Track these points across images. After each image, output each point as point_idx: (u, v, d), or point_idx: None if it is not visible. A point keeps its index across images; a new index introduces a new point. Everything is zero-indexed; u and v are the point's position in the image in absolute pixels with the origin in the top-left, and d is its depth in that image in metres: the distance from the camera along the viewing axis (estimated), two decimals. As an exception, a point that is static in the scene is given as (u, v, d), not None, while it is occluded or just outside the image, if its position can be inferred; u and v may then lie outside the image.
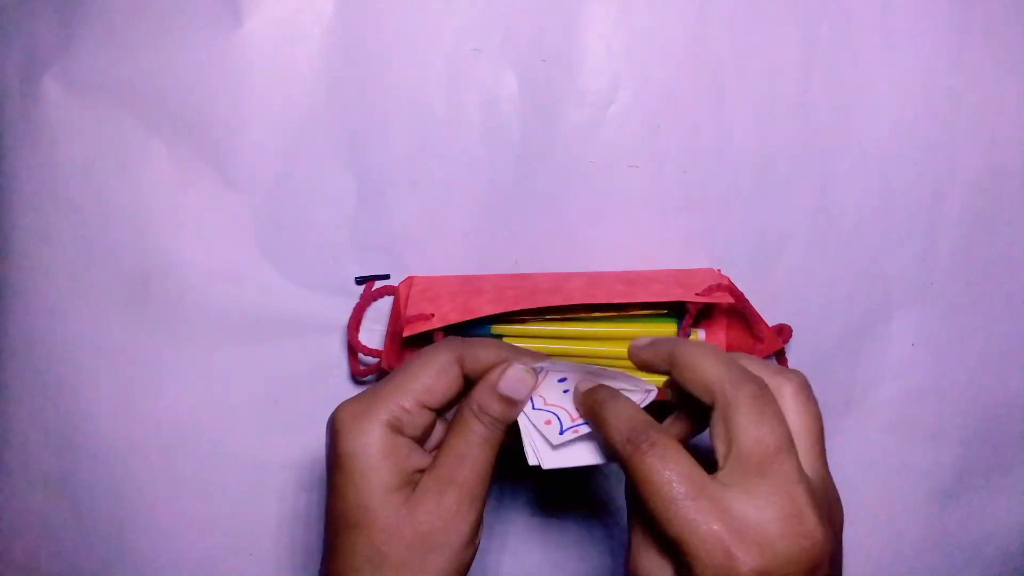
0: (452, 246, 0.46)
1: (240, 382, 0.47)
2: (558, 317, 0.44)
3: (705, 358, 0.32)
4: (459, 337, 0.36)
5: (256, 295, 0.46)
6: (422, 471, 0.33)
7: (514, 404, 0.33)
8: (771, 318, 0.46)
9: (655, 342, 0.35)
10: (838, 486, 0.33)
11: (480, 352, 0.34)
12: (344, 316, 0.46)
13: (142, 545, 0.47)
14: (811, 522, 0.28)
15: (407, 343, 0.44)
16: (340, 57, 0.44)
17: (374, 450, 0.32)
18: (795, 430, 0.31)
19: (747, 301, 0.44)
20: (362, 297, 0.46)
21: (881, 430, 0.48)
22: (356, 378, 0.47)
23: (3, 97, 0.45)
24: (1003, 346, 0.48)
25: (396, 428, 0.32)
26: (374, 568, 0.31)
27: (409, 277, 0.46)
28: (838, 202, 0.47)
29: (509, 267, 0.47)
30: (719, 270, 0.46)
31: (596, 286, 0.44)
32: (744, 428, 0.29)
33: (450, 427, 0.34)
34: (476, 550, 0.33)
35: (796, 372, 0.33)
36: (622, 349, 0.45)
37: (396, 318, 0.45)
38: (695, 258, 0.47)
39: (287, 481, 0.47)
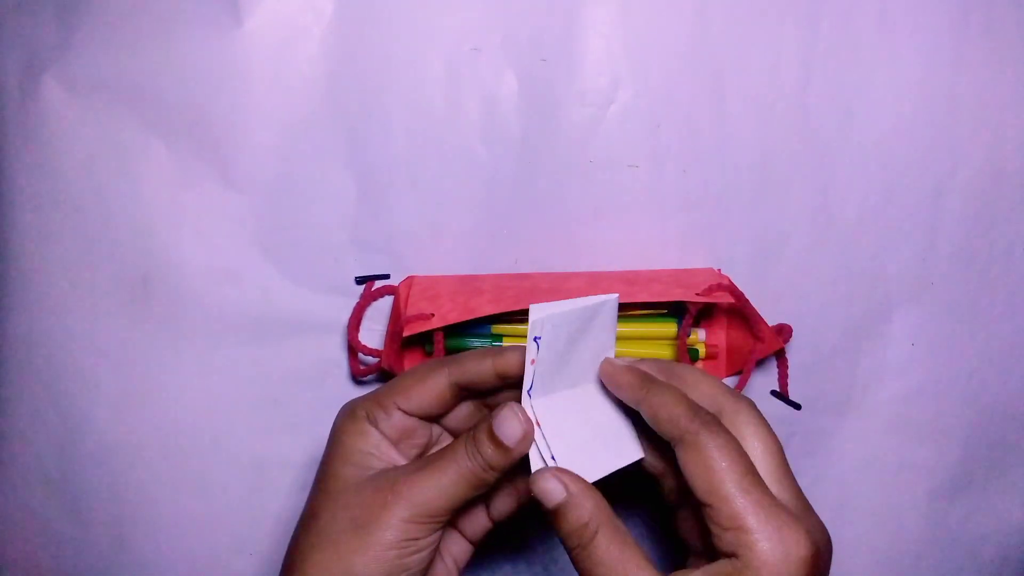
0: (452, 246, 0.46)
1: (240, 382, 0.46)
2: None
3: (675, 404, 0.32)
4: (457, 356, 0.36)
5: (256, 295, 0.46)
6: (384, 462, 0.34)
7: (506, 450, 0.32)
8: (771, 318, 0.46)
9: (631, 372, 0.34)
10: (838, 485, 0.33)
11: (465, 360, 0.35)
12: (344, 316, 0.46)
13: (142, 545, 0.47)
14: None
15: (407, 343, 0.44)
16: (340, 57, 0.44)
17: (350, 428, 0.35)
18: (756, 455, 0.31)
19: (747, 301, 0.44)
20: (362, 297, 0.46)
21: (881, 429, 0.48)
22: (356, 378, 0.47)
23: (3, 97, 0.45)
24: (1003, 345, 0.48)
25: (371, 420, 0.35)
26: (307, 525, 0.33)
27: (409, 277, 0.46)
28: (838, 201, 0.47)
29: (509, 267, 0.47)
30: (719, 270, 0.46)
31: (596, 286, 0.44)
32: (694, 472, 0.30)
33: (440, 449, 0.34)
34: (408, 564, 0.32)
35: (746, 398, 0.34)
36: (623, 349, 0.45)
37: (396, 318, 0.45)
38: (695, 258, 0.47)
39: (287, 480, 0.47)
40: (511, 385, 0.35)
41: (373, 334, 0.47)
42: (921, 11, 0.45)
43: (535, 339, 0.32)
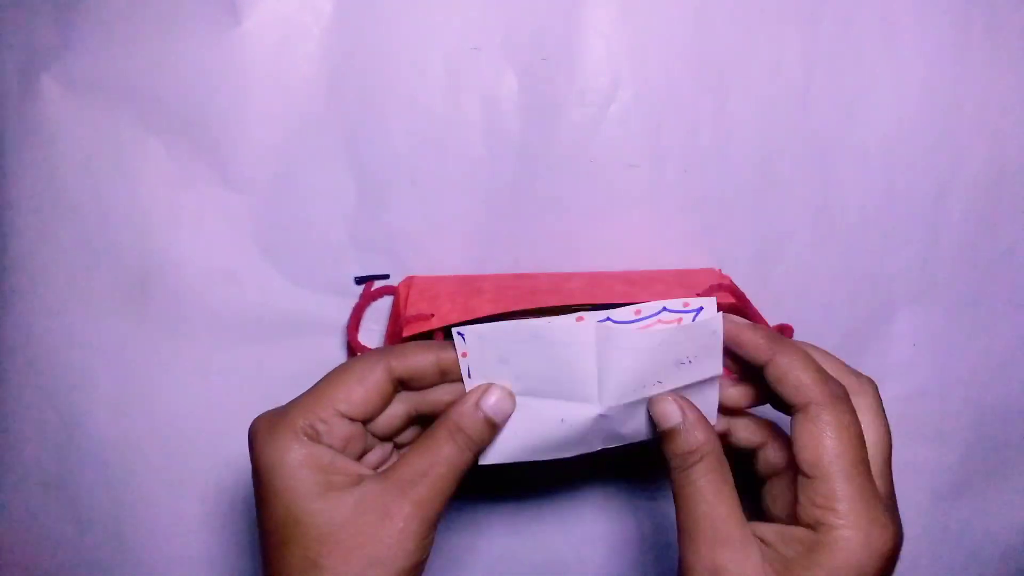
0: (452, 246, 0.46)
1: (239, 382, 0.46)
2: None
3: (804, 368, 0.31)
4: (387, 346, 0.35)
5: (255, 295, 0.46)
6: (352, 478, 0.31)
7: (494, 427, 0.32)
8: (772, 318, 0.46)
9: (755, 330, 0.33)
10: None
11: (409, 353, 0.33)
12: (343, 316, 0.46)
13: (141, 545, 0.47)
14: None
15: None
16: (339, 56, 0.44)
17: (291, 458, 0.30)
18: (869, 443, 0.31)
19: (748, 301, 0.44)
20: (361, 297, 0.46)
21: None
22: None
23: (2, 96, 0.45)
24: (1005, 346, 0.48)
25: (312, 437, 0.31)
26: (292, 560, 0.29)
27: (409, 277, 0.46)
28: (840, 201, 0.46)
29: (509, 267, 0.47)
30: (720, 270, 0.46)
31: (597, 286, 0.43)
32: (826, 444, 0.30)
33: (416, 443, 0.32)
34: (421, 571, 0.31)
35: (870, 381, 0.34)
36: None
37: (396, 318, 0.45)
38: (696, 258, 0.46)
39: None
40: (451, 381, 0.34)
41: (373, 334, 0.47)
42: (923, 11, 0.45)
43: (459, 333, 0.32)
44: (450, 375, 0.33)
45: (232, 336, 0.46)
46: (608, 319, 0.33)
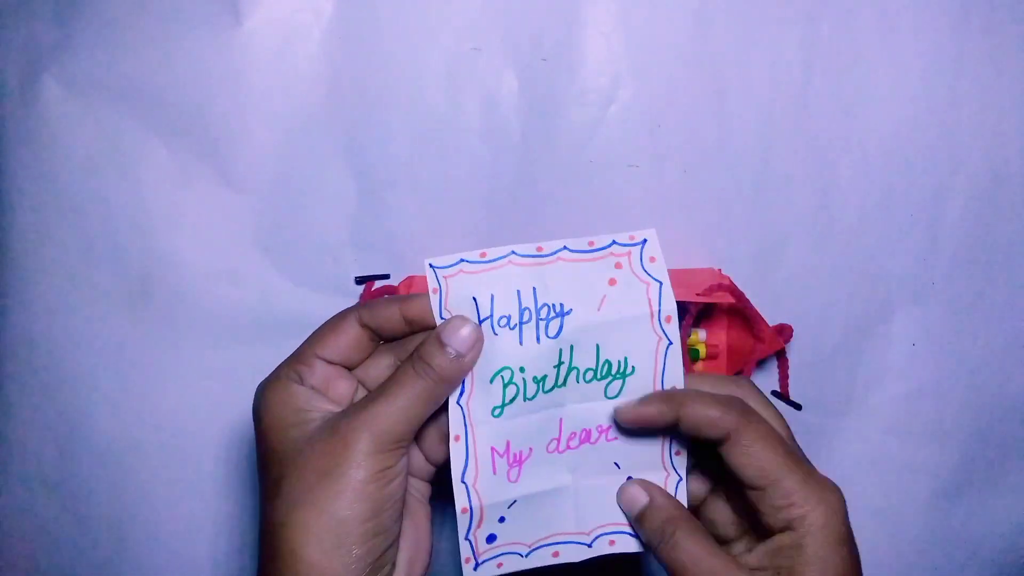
0: (452, 246, 0.46)
1: (239, 382, 0.46)
2: None
3: (711, 406, 0.33)
4: (367, 301, 0.37)
5: (255, 295, 0.46)
6: (324, 412, 0.33)
7: (460, 359, 0.33)
8: (772, 318, 0.46)
9: (651, 400, 0.35)
10: (839, 485, 0.34)
11: (376, 304, 0.35)
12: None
13: (141, 545, 0.47)
14: None
15: None
16: (340, 56, 0.44)
17: (273, 399, 0.34)
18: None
19: (748, 301, 0.44)
20: (362, 297, 0.46)
21: (882, 430, 0.48)
22: None
23: (3, 97, 0.45)
24: (1004, 346, 0.48)
25: (295, 378, 0.34)
26: (275, 494, 0.32)
27: (409, 277, 0.46)
28: (839, 202, 0.46)
29: (509, 267, 0.47)
30: (720, 270, 0.46)
31: None
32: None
33: (388, 378, 0.34)
34: (389, 492, 0.32)
35: (745, 378, 0.36)
36: None
37: None
38: (695, 258, 0.46)
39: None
40: (420, 331, 0.35)
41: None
42: (921, 11, 0.45)
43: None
44: (416, 324, 0.35)
45: (232, 336, 0.46)
46: (564, 248, 0.35)
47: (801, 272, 0.47)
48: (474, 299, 0.34)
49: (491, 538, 0.35)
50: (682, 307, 0.44)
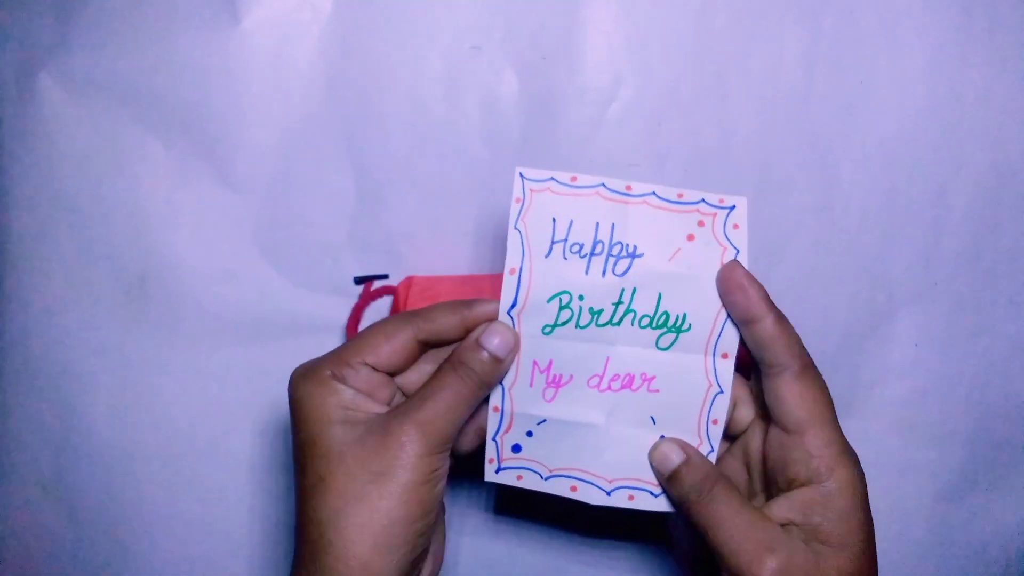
0: (452, 246, 0.46)
1: (238, 382, 0.46)
2: None
3: (789, 335, 0.35)
4: (417, 308, 0.37)
5: (254, 295, 0.46)
6: (369, 414, 0.33)
7: (496, 361, 0.34)
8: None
9: (756, 286, 0.36)
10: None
11: (435, 315, 0.35)
12: (343, 316, 0.46)
13: (139, 546, 0.47)
14: None
15: None
16: (339, 55, 0.44)
17: (317, 392, 0.33)
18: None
19: None
20: (361, 297, 0.46)
21: (885, 430, 0.48)
22: None
23: (0, 95, 0.45)
24: (1007, 346, 0.48)
25: (338, 378, 0.34)
26: (320, 491, 0.32)
27: (408, 277, 0.46)
28: (841, 201, 0.46)
29: (509, 267, 0.46)
30: None
31: None
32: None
33: (428, 381, 0.34)
34: (436, 494, 0.33)
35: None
36: None
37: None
38: (696, 258, 0.46)
39: (284, 482, 0.47)
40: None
41: (372, 335, 0.46)
42: (924, 9, 0.45)
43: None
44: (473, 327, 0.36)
45: (231, 336, 0.46)
46: (653, 193, 0.36)
47: (803, 272, 0.47)
48: (553, 219, 0.35)
49: (516, 448, 0.37)
50: None
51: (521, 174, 0.36)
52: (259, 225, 0.45)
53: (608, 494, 0.36)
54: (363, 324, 0.46)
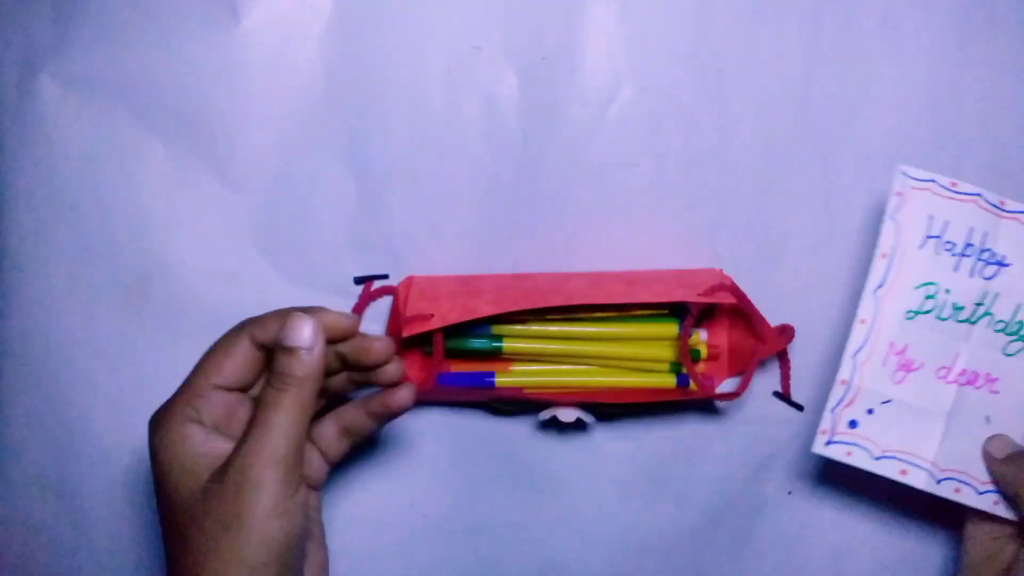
0: (452, 245, 0.46)
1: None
2: (559, 317, 0.44)
3: None
4: (249, 317, 0.36)
5: (254, 295, 0.46)
6: (220, 455, 0.32)
7: (296, 353, 0.32)
8: (774, 318, 0.46)
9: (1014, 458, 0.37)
10: (840, 484, 0.33)
11: (267, 320, 0.34)
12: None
13: (139, 545, 0.47)
14: None
15: (406, 344, 0.44)
16: (339, 55, 0.44)
17: (167, 438, 0.32)
18: None
19: (749, 301, 0.43)
20: (361, 297, 0.46)
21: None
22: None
23: (0, 95, 0.45)
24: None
25: (192, 418, 0.33)
26: (181, 549, 0.31)
27: (408, 277, 0.46)
28: (841, 200, 0.46)
29: (509, 267, 0.46)
30: (722, 270, 0.46)
31: (597, 286, 0.43)
32: None
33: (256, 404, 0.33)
34: (296, 522, 0.32)
35: None
36: (624, 350, 0.45)
37: (395, 318, 0.44)
38: (697, 257, 0.46)
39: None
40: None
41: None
42: (924, 8, 0.45)
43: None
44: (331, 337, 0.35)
45: (231, 336, 0.46)
46: None
47: (802, 272, 0.47)
48: (930, 216, 0.39)
49: (853, 423, 0.39)
50: (683, 307, 0.44)
51: (904, 172, 0.39)
52: (259, 225, 0.45)
53: (937, 483, 0.39)
54: (363, 325, 0.46)
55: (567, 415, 0.43)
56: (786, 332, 0.45)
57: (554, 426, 0.46)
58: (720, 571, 0.48)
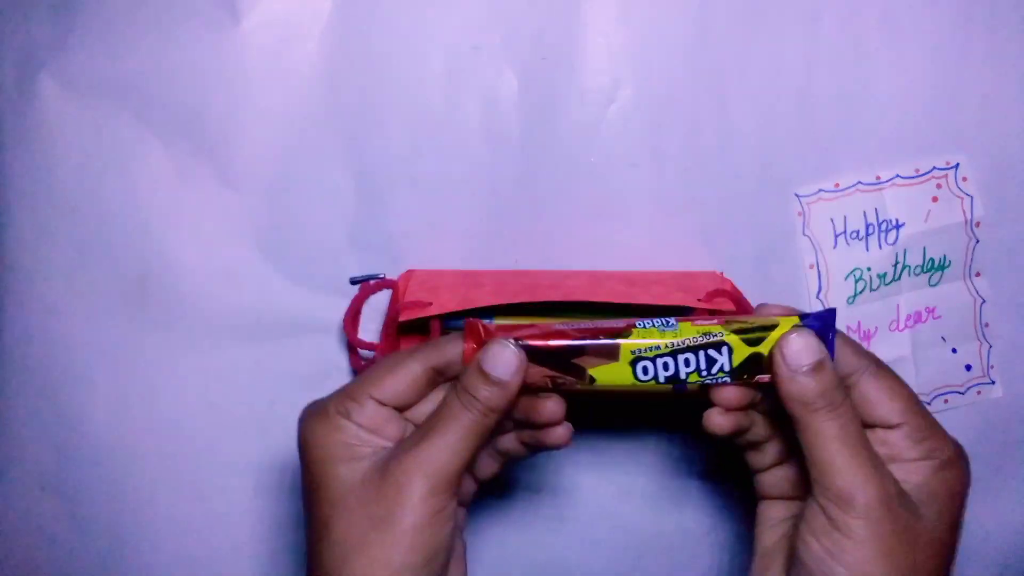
0: (451, 246, 0.46)
1: (238, 382, 0.46)
2: (558, 313, 0.44)
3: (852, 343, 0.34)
4: (427, 342, 0.35)
5: (254, 295, 0.46)
6: (375, 450, 0.32)
7: (500, 384, 0.32)
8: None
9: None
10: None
11: (443, 343, 0.34)
12: (342, 315, 0.46)
13: (139, 546, 0.47)
14: None
15: (403, 330, 0.44)
16: (339, 56, 0.44)
17: (320, 427, 0.32)
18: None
19: (749, 305, 0.43)
20: (361, 289, 0.45)
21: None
22: (357, 372, 0.46)
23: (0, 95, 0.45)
24: (1007, 346, 0.48)
25: (343, 414, 0.33)
26: (325, 537, 0.31)
27: (408, 270, 0.46)
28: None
29: (509, 267, 0.46)
30: (722, 273, 0.46)
31: (597, 285, 0.43)
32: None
33: (433, 413, 0.33)
34: (444, 535, 0.31)
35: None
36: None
37: (393, 306, 0.44)
38: (696, 258, 0.46)
39: (286, 482, 0.47)
40: None
41: (371, 334, 0.46)
42: (924, 10, 0.45)
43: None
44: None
45: (231, 336, 0.46)
46: (897, 175, 0.46)
47: (801, 272, 0.47)
48: (831, 220, 0.45)
49: None
50: (683, 312, 0.44)
51: (796, 194, 0.45)
52: (259, 225, 0.45)
53: (929, 403, 0.47)
54: (363, 325, 0.46)
55: None
56: None
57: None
58: (721, 571, 0.48)
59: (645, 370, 0.33)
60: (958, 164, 0.45)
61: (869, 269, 0.46)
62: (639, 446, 0.48)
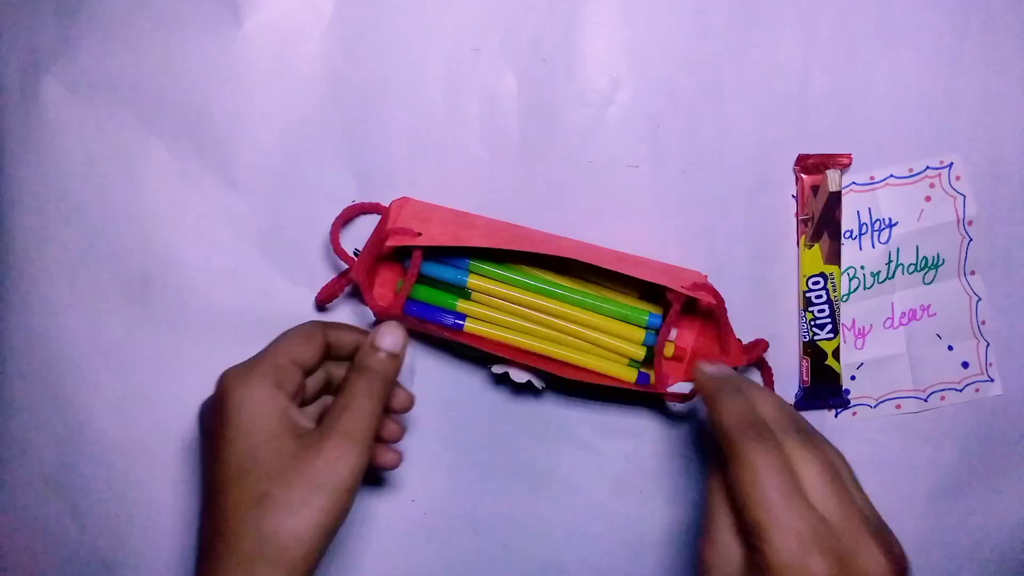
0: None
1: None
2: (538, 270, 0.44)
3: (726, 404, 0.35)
4: (324, 321, 0.40)
5: (256, 295, 0.46)
6: (299, 426, 0.35)
7: (392, 357, 0.38)
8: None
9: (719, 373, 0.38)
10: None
11: (342, 328, 0.40)
12: (343, 315, 0.46)
13: (141, 545, 0.47)
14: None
15: (384, 259, 0.44)
16: (340, 57, 0.44)
17: (259, 399, 0.35)
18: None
19: (725, 308, 0.43)
20: (353, 204, 0.45)
21: (880, 430, 0.48)
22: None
23: (4, 97, 0.45)
24: (1004, 345, 0.48)
25: (277, 384, 0.36)
26: (262, 509, 0.33)
27: (403, 197, 0.45)
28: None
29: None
30: (706, 276, 0.46)
31: (588, 250, 0.44)
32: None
33: (339, 387, 0.37)
34: (355, 494, 0.35)
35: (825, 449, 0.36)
36: (589, 334, 0.45)
37: (379, 232, 0.44)
38: (694, 258, 0.46)
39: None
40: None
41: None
42: (920, 11, 0.45)
43: None
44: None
45: (233, 335, 0.46)
46: (891, 175, 0.47)
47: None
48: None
49: (846, 391, 0.47)
50: (661, 302, 0.44)
51: (792, 195, 0.46)
52: (261, 225, 0.46)
53: (925, 400, 0.47)
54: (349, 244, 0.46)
55: (518, 376, 0.43)
56: (758, 347, 0.45)
57: (506, 383, 0.47)
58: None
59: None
60: (951, 164, 0.46)
61: (863, 267, 0.46)
62: (636, 443, 0.48)
